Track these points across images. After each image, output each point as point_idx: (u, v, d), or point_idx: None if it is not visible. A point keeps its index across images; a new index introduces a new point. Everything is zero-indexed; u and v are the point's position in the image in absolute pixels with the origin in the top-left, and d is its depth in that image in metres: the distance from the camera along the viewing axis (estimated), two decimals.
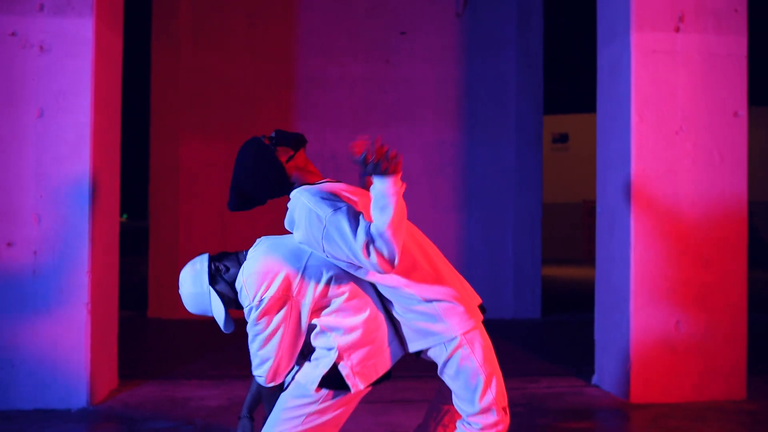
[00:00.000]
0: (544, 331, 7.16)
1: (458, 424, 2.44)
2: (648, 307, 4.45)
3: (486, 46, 7.97)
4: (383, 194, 2.22)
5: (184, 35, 7.76)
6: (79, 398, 4.19)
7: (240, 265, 2.38)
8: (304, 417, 2.34)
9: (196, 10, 7.80)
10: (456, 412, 2.52)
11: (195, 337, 6.56)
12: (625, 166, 4.50)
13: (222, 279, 2.38)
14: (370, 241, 2.15)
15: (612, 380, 4.67)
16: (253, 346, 2.34)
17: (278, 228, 2.64)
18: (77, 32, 4.20)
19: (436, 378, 2.55)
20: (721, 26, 4.50)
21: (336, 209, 2.23)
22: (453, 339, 2.34)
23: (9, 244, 4.16)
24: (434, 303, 2.36)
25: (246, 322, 2.38)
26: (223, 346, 6.05)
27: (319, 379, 2.31)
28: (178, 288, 2.46)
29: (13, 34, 4.17)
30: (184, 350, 5.99)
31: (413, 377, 4.82)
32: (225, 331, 2.46)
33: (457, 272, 2.55)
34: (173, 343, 6.36)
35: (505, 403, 2.41)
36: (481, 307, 2.50)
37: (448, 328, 2.35)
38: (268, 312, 2.28)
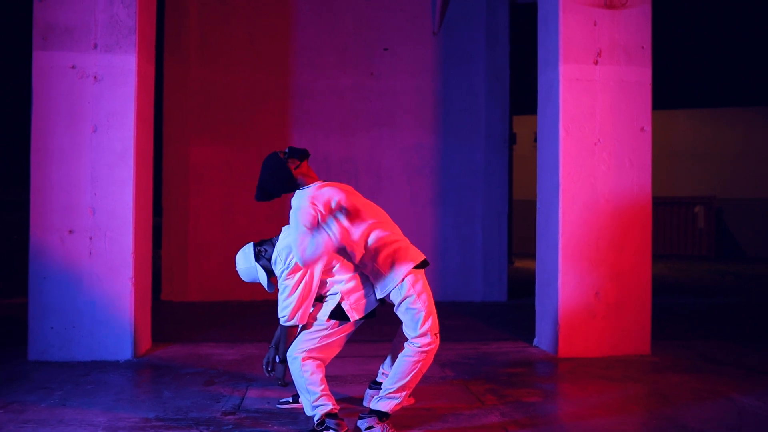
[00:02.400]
0: (507, 311, 8.53)
1: (405, 344, 3.84)
2: (573, 282, 5.84)
3: (459, 61, 9.35)
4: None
5: (193, 51, 9.11)
6: (125, 352, 5.55)
7: (273, 246, 3.79)
8: (318, 338, 3.77)
9: (203, 29, 9.14)
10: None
11: (204, 315, 7.90)
12: (555, 171, 5.89)
13: (263, 257, 3.80)
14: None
15: (546, 341, 6.06)
16: (281, 296, 3.74)
17: (271, 221, 3.95)
18: (123, 65, 5.55)
19: (402, 338, 3.97)
20: (630, 60, 5.89)
21: (300, 208, 3.67)
22: (403, 285, 3.73)
23: (70, 232, 5.51)
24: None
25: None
26: (228, 322, 7.42)
27: (329, 312, 3.72)
28: (189, 274, 3.95)
29: (73, 67, 5.52)
30: (197, 324, 7.32)
31: (387, 341, 6.19)
32: (268, 291, 3.93)
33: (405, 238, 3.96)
34: (187, 319, 7.68)
35: (437, 330, 3.81)
36: (425, 262, 3.87)
37: (394, 277, 3.76)
38: (294, 271, 3.69)
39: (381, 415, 3.81)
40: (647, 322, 5.93)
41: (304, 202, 3.72)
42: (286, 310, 3.76)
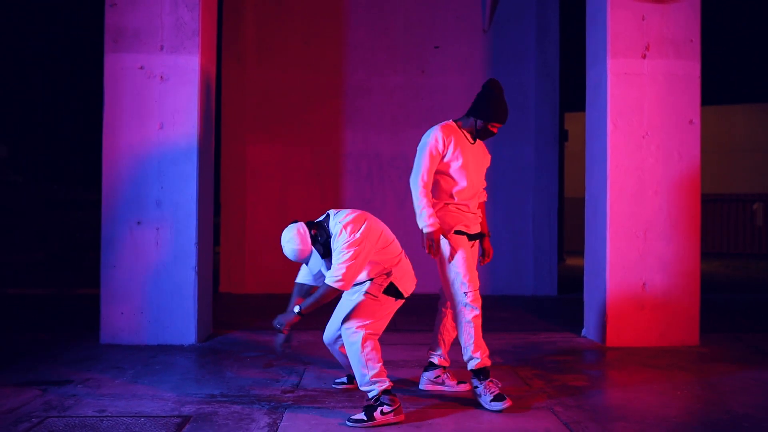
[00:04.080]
0: (557, 305, 8.65)
1: (452, 312, 4.27)
2: (621, 273, 5.96)
3: (509, 58, 9.50)
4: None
5: (249, 52, 9.48)
6: (189, 337, 5.89)
7: (326, 231, 4.00)
8: (374, 311, 4.05)
9: (259, 30, 9.51)
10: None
11: (261, 306, 8.23)
12: (603, 163, 6.02)
13: (317, 241, 4.01)
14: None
15: (594, 331, 6.19)
16: (336, 266, 3.93)
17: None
18: (187, 66, 5.90)
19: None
20: (679, 53, 5.98)
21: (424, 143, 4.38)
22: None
23: (138, 223, 5.88)
24: None
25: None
26: (284, 312, 7.71)
27: (382, 289, 3.98)
28: (246, 267, 4.22)
29: (141, 67, 5.90)
30: (255, 313, 7.65)
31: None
32: (311, 274, 4.20)
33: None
34: (245, 309, 8.02)
35: (475, 288, 4.24)
36: (477, 235, 4.37)
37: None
38: (352, 246, 3.89)
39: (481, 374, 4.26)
40: (696, 313, 6.01)
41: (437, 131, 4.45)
42: (339, 272, 3.91)
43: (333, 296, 4.02)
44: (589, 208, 6.40)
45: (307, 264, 4.21)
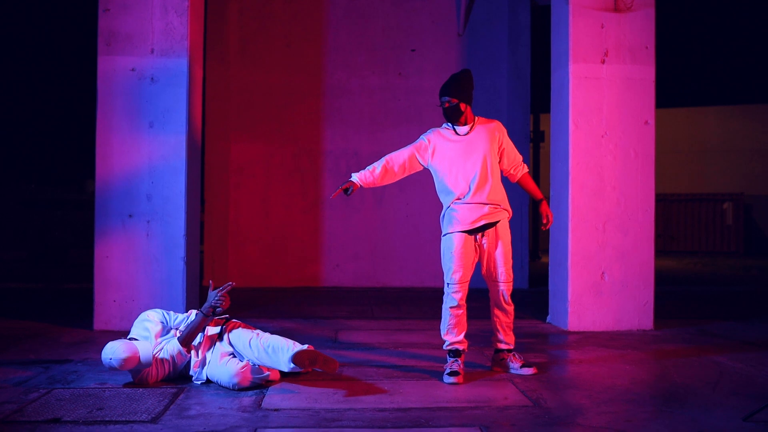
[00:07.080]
0: (528, 296, 9.21)
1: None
2: (582, 263, 6.51)
3: (482, 61, 10.06)
4: None
5: (233, 54, 9.96)
6: None
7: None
8: None
9: (243, 33, 10.00)
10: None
11: (244, 298, 8.70)
12: (566, 161, 6.57)
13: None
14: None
15: (558, 317, 6.74)
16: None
17: (307, 212, 4.66)
18: (177, 68, 6.37)
19: (427, 320, 4.72)
20: (635, 59, 6.55)
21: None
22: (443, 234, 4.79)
23: (130, 216, 6.34)
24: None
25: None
26: (266, 303, 8.22)
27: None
28: (229, 261, 5.19)
29: (133, 69, 6.36)
30: (239, 305, 8.09)
31: (411, 318, 6.93)
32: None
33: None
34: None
35: (455, 281, 4.72)
36: (484, 227, 4.79)
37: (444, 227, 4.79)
38: None
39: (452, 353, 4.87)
40: (650, 299, 6.58)
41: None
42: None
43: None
44: (553, 203, 6.95)
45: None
